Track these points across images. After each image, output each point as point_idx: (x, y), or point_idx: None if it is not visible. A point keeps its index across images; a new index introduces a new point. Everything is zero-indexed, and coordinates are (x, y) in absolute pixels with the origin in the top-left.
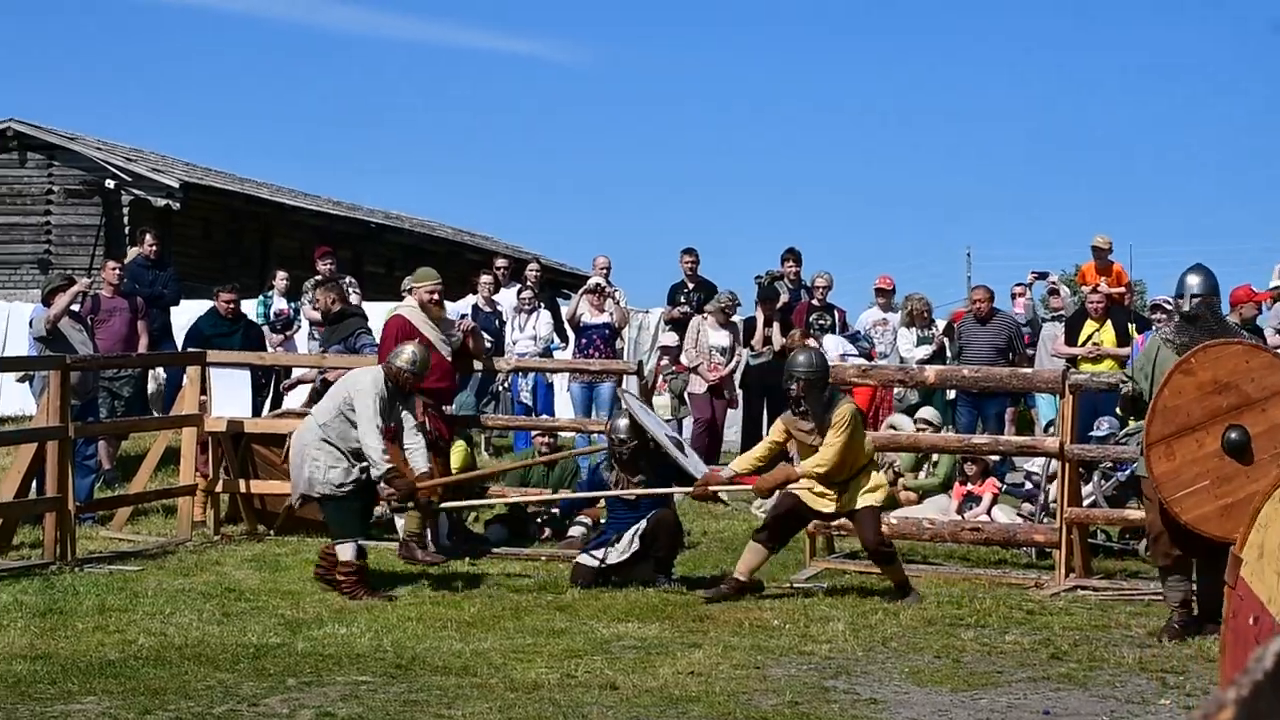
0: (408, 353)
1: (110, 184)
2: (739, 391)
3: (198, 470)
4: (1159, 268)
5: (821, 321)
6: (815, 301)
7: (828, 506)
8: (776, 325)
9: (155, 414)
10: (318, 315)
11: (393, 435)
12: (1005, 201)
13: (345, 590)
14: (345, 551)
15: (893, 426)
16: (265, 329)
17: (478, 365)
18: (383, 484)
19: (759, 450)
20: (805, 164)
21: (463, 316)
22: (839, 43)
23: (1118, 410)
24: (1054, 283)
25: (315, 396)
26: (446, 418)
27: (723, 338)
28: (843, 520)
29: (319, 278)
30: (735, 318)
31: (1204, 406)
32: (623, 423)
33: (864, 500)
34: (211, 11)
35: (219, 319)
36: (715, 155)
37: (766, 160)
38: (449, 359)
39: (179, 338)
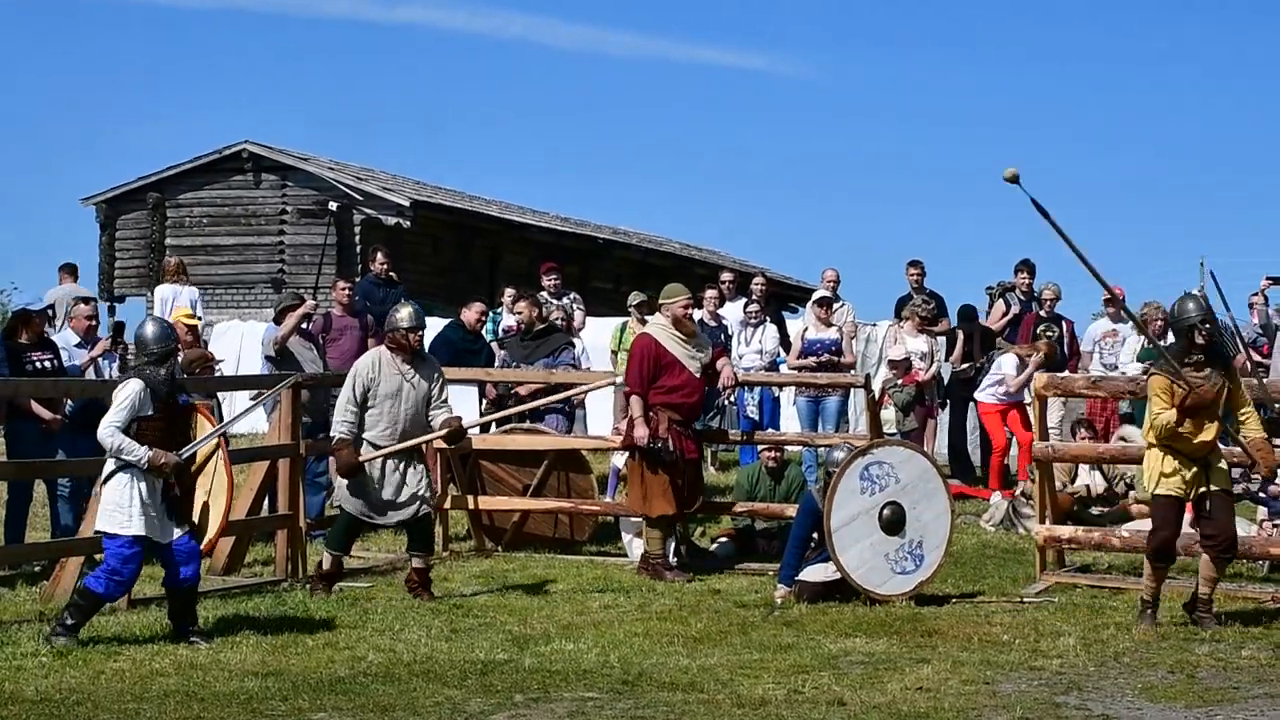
0: (402, 311)
1: (333, 205)
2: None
3: None
4: None
5: (1049, 333)
6: (1043, 313)
7: (1188, 493)
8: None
9: None
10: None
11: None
12: (1239, 205)
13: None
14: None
15: (1123, 439)
16: (494, 345)
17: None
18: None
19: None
20: (1033, 172)
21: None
22: (1053, 51)
23: None
24: None
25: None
26: (696, 434)
27: (920, 343)
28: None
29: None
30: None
31: None
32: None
33: (1218, 482)
34: (437, 32)
35: (464, 330)
36: (943, 166)
37: (994, 170)
38: (698, 376)
39: None
